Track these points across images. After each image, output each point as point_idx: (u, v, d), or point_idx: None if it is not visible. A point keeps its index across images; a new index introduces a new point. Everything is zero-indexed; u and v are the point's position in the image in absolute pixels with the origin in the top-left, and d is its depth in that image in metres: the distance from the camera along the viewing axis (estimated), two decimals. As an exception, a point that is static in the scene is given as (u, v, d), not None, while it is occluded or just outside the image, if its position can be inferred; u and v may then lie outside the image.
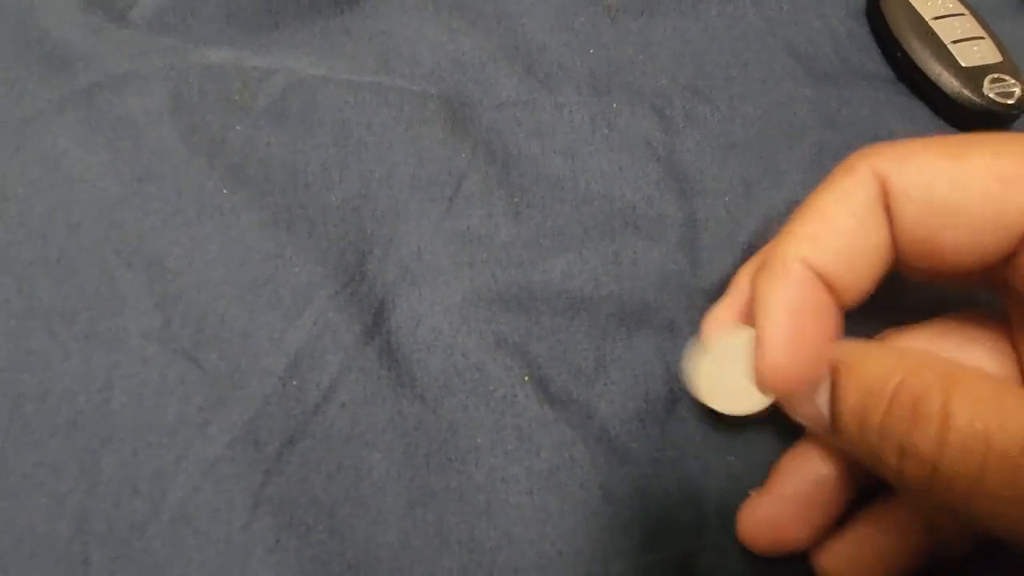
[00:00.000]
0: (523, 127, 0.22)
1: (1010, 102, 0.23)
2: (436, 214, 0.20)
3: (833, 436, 0.14)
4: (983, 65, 0.24)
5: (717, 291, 0.20)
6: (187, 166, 0.21)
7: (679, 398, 0.19)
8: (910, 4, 0.25)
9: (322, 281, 0.19)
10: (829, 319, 0.15)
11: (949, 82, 0.24)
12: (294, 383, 0.18)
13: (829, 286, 0.15)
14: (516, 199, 0.21)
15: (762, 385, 0.15)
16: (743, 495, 0.18)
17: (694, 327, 0.19)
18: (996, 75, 0.24)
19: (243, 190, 0.21)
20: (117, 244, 0.20)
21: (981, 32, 0.25)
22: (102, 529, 0.17)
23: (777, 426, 0.18)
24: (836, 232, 0.14)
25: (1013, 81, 0.24)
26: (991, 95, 0.23)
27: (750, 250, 0.21)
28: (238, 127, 0.22)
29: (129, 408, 0.18)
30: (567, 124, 0.22)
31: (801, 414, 0.15)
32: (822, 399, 0.14)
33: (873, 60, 0.25)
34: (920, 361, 0.13)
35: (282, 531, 0.17)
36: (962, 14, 0.25)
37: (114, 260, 0.20)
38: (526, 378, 0.18)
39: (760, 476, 0.18)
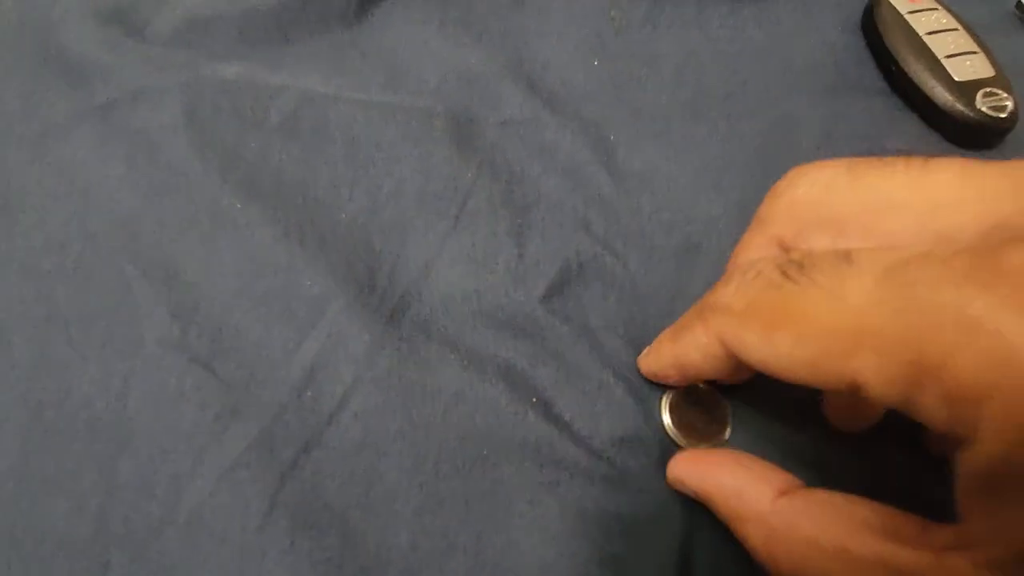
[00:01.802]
0: (526, 145, 0.23)
1: (1002, 115, 0.24)
2: (442, 230, 0.21)
3: None
4: (976, 79, 0.24)
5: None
6: (201, 180, 0.22)
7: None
8: (904, 19, 0.26)
9: (333, 294, 0.20)
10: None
11: (942, 96, 0.24)
12: (309, 394, 0.19)
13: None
14: (519, 220, 0.22)
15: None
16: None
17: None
18: (989, 89, 0.24)
19: (255, 203, 0.21)
20: (133, 254, 0.21)
21: (974, 47, 0.25)
22: (120, 531, 0.17)
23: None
24: (696, 370, 0.18)
25: (1005, 95, 0.24)
26: (983, 109, 0.24)
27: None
28: (251, 143, 0.22)
29: (146, 414, 0.19)
30: (568, 145, 0.23)
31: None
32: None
33: (868, 73, 0.26)
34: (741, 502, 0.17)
35: (296, 534, 0.17)
36: (955, 29, 0.25)
37: (131, 270, 0.20)
38: (534, 399, 0.19)
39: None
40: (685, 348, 0.18)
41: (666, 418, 0.19)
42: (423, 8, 0.26)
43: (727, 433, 0.19)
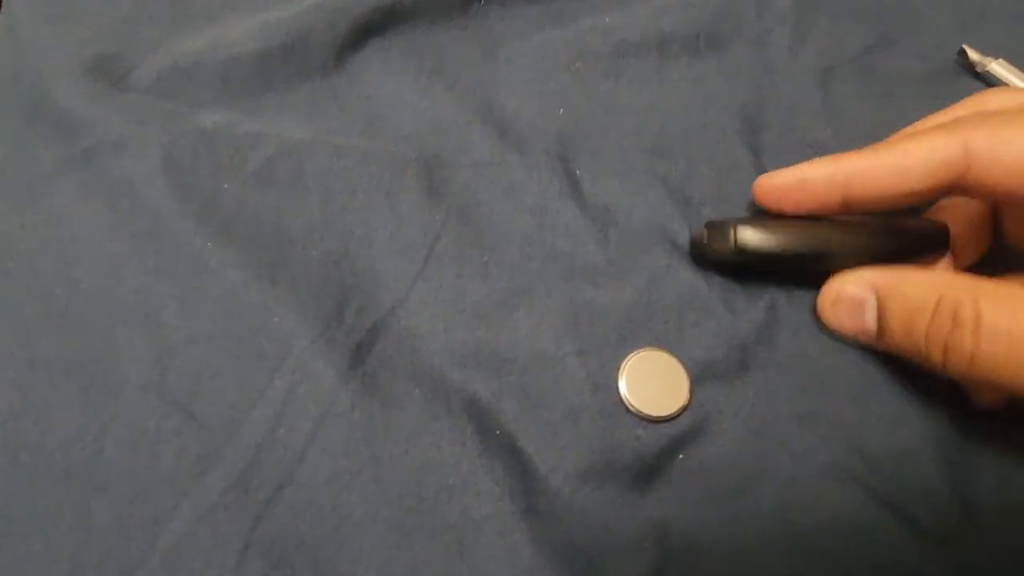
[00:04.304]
0: (495, 185, 0.24)
1: None
2: (411, 273, 0.22)
3: (877, 342, 0.20)
4: None
5: (675, 344, 0.21)
6: (178, 224, 0.22)
7: (646, 448, 0.20)
8: None
9: (300, 330, 0.21)
10: (822, 201, 0.21)
11: None
12: (281, 432, 0.19)
13: (848, 195, 0.20)
14: (486, 258, 0.22)
15: (755, 187, 0.22)
16: (707, 537, 0.19)
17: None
18: None
19: (230, 246, 0.22)
20: (116, 299, 0.21)
21: None
22: (94, 574, 0.18)
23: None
24: (904, 168, 0.19)
25: None
26: None
27: (703, 304, 0.22)
28: (227, 187, 0.23)
29: (124, 458, 0.19)
30: (536, 183, 0.24)
31: (846, 329, 0.20)
32: (869, 316, 0.19)
33: (818, 125, 0.27)
34: (949, 280, 0.18)
35: (270, 572, 0.18)
36: None
37: (113, 315, 0.21)
38: (497, 432, 0.20)
39: (720, 516, 0.19)
40: (906, 151, 0.19)
41: (625, 381, 0.20)
42: (399, 59, 0.27)
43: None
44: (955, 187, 0.19)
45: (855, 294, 0.20)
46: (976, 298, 0.17)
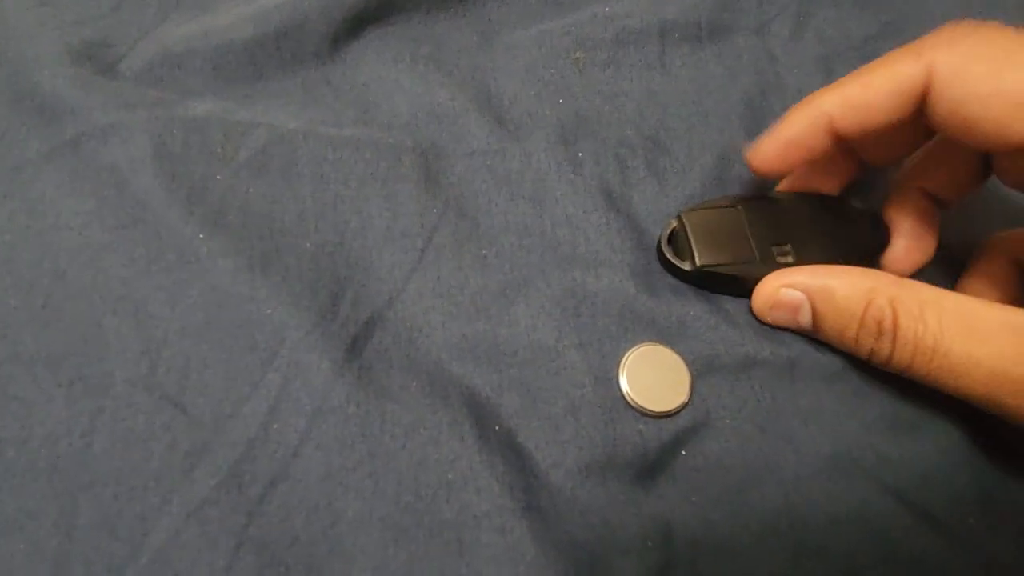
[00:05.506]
0: (493, 174, 0.24)
1: None
2: (408, 264, 0.21)
3: (814, 335, 0.21)
4: None
5: (676, 338, 0.21)
6: (167, 213, 0.22)
7: (648, 443, 0.19)
8: None
9: (293, 322, 0.20)
10: (818, 149, 0.21)
11: None
12: (275, 427, 0.19)
13: (836, 133, 0.20)
14: (484, 250, 0.22)
15: (750, 162, 0.22)
16: (711, 534, 0.19)
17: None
18: None
19: (221, 236, 0.21)
20: (102, 290, 0.21)
21: None
22: (80, 573, 0.17)
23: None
24: (867, 102, 0.19)
25: None
26: None
27: (706, 298, 0.22)
28: (218, 177, 0.23)
29: (112, 453, 0.18)
30: (535, 171, 0.24)
31: (786, 326, 0.21)
32: (805, 319, 0.20)
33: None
34: (873, 286, 0.19)
35: (263, 571, 0.17)
36: None
37: (99, 306, 0.20)
38: (496, 428, 0.19)
39: (724, 513, 0.19)
40: (868, 82, 0.19)
41: (626, 375, 0.20)
42: (395, 46, 0.27)
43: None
44: (922, 112, 0.19)
45: (791, 299, 0.20)
46: (896, 308, 0.18)
